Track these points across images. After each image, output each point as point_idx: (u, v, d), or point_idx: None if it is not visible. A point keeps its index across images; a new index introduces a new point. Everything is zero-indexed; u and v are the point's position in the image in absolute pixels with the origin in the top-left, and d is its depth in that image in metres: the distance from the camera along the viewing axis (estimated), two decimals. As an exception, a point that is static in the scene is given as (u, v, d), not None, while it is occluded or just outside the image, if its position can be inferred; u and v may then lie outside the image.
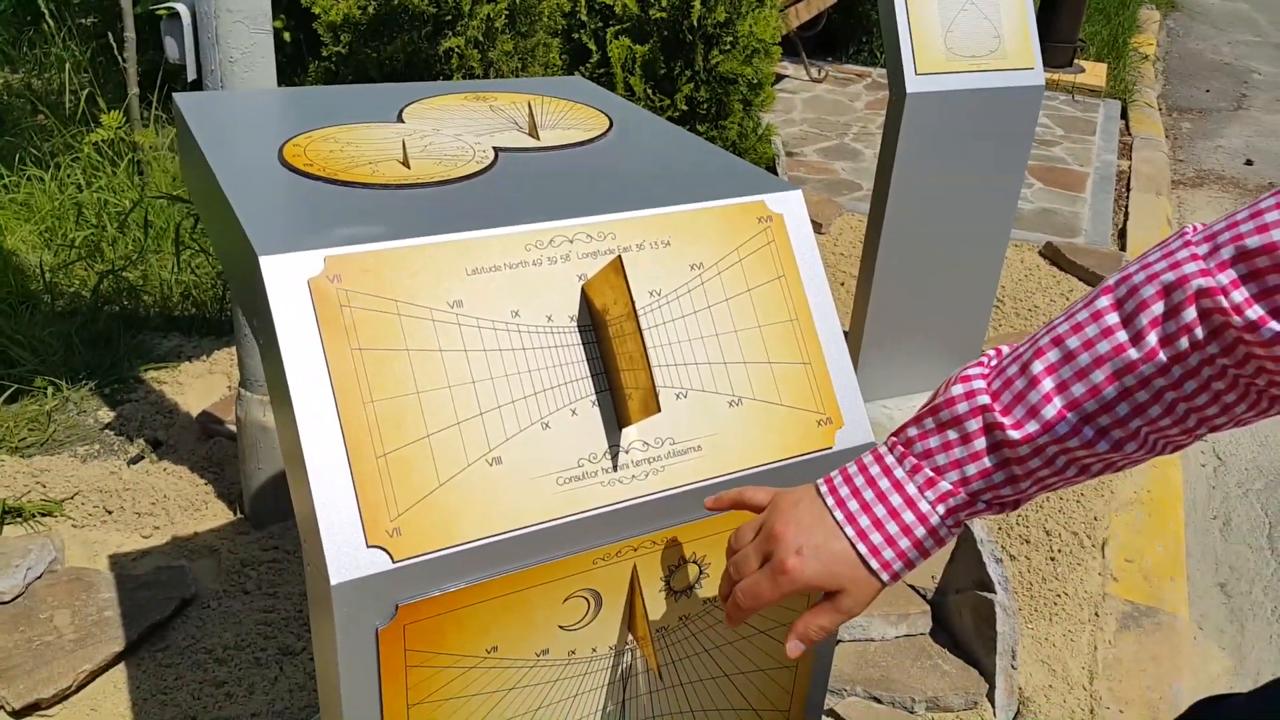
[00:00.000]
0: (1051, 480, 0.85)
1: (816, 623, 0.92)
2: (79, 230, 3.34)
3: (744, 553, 0.94)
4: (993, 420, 0.84)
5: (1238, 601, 2.49)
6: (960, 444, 0.86)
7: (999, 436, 0.84)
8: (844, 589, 0.89)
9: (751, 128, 3.56)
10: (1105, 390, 0.80)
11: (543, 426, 0.98)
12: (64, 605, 1.96)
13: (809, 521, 0.90)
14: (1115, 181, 5.05)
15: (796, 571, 0.89)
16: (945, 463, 0.87)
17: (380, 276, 0.95)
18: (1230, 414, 0.80)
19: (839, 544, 0.89)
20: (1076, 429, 0.82)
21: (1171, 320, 0.77)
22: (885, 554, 0.88)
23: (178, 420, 2.59)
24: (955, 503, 0.87)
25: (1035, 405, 0.83)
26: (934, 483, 0.87)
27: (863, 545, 0.88)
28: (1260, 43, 8.86)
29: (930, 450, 0.87)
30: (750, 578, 0.92)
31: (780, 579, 0.90)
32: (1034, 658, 2.07)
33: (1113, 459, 0.84)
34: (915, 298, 2.71)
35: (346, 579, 0.88)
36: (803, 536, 0.90)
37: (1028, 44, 2.58)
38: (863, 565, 0.88)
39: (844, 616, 0.91)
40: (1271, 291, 0.72)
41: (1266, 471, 3.02)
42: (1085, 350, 0.81)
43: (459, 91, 1.51)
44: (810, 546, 0.89)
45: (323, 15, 2.55)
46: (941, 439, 0.87)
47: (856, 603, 0.90)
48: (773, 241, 1.14)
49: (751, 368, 1.08)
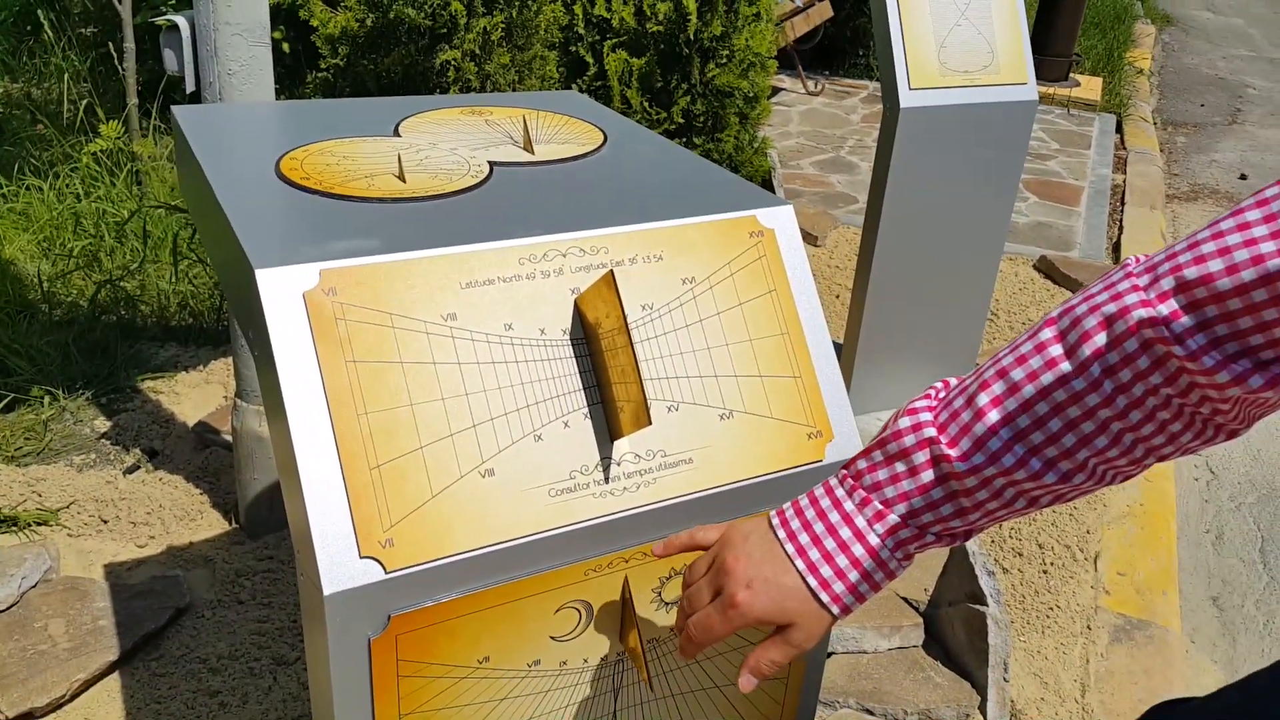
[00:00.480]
0: (1000, 512, 0.86)
1: (768, 657, 0.91)
2: (77, 240, 3.35)
3: (696, 587, 0.94)
4: (939, 453, 0.84)
5: (1230, 615, 2.49)
6: (908, 476, 0.86)
7: (946, 469, 0.84)
8: (794, 623, 0.89)
9: (748, 140, 3.58)
10: (1050, 422, 0.81)
11: (535, 438, 0.99)
12: (59, 614, 1.97)
13: (759, 555, 0.90)
14: (1110, 195, 5.08)
15: (746, 606, 0.89)
16: (893, 495, 0.87)
17: (375, 289, 0.96)
18: (1176, 443, 0.80)
19: (789, 578, 0.89)
20: (1023, 461, 0.82)
21: (1114, 351, 0.77)
22: (835, 587, 0.88)
23: (174, 430, 2.60)
24: (904, 536, 0.87)
25: (981, 437, 0.83)
26: (883, 515, 0.87)
27: (813, 579, 0.88)
28: (1255, 58, 8.90)
29: (879, 483, 0.87)
30: (702, 612, 0.92)
31: (731, 613, 0.90)
32: (1026, 670, 2.08)
33: (1060, 490, 0.84)
34: (909, 310, 2.72)
35: (339, 589, 0.88)
36: (753, 570, 0.89)
37: (1021, 60, 2.60)
38: (813, 598, 0.88)
39: (795, 650, 0.91)
40: (1211, 323, 0.73)
41: (1259, 485, 3.03)
42: (1030, 382, 0.81)
43: (455, 105, 1.52)
44: (760, 580, 0.89)
45: (321, 28, 2.56)
46: (890, 471, 0.87)
47: (807, 636, 0.90)
48: (764, 256, 1.15)
49: (743, 381, 1.09)
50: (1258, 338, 0.72)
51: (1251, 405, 0.77)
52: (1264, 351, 0.73)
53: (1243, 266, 0.71)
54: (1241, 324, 0.72)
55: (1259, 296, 0.71)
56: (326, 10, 2.56)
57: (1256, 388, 0.73)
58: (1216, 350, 0.73)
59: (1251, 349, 0.73)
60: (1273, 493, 2.99)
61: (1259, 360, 0.73)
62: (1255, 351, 0.73)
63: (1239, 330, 0.73)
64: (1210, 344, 0.73)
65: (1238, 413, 0.78)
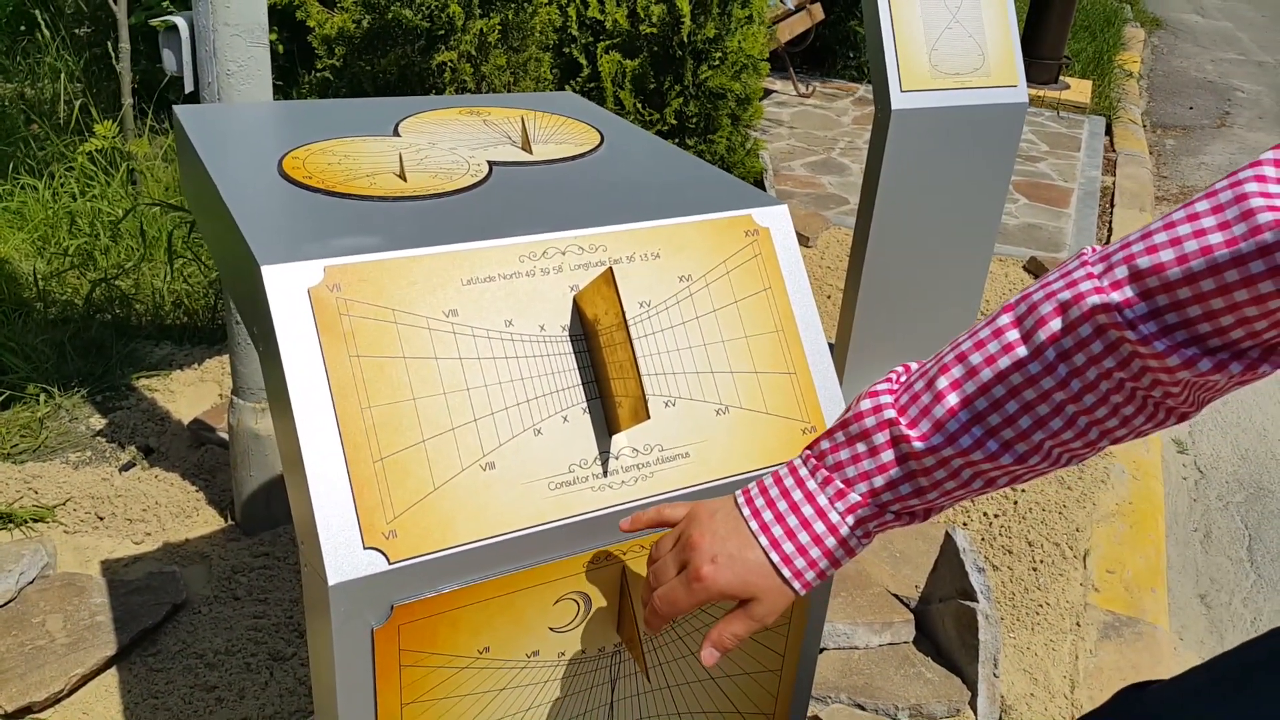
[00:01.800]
0: (957, 492, 0.89)
1: (730, 630, 0.94)
2: (72, 239, 3.36)
3: (662, 561, 0.96)
4: (899, 433, 0.87)
5: (1217, 613, 2.52)
6: (869, 456, 0.89)
7: (905, 449, 0.87)
8: (757, 597, 0.92)
9: (740, 142, 3.60)
10: (1006, 405, 0.84)
11: (535, 433, 1.00)
12: (56, 610, 1.98)
13: (724, 531, 0.93)
14: (1099, 197, 5.11)
15: (711, 579, 0.91)
16: (854, 475, 0.90)
17: (378, 286, 0.98)
18: (1129, 425, 0.83)
19: (753, 553, 0.91)
20: (980, 442, 0.85)
21: (1069, 336, 0.80)
22: (797, 563, 0.90)
23: (169, 427, 2.61)
24: (864, 514, 0.90)
25: (940, 419, 0.86)
26: (844, 494, 0.90)
27: (775, 554, 0.90)
28: (1243, 61, 8.96)
29: (841, 463, 0.90)
30: (667, 585, 0.94)
31: (695, 586, 0.92)
32: (1016, 666, 2.10)
33: (1016, 471, 0.87)
34: (900, 310, 2.74)
35: (343, 579, 0.90)
36: (718, 545, 0.92)
37: (1011, 62, 2.62)
38: (775, 574, 0.91)
39: (757, 624, 0.93)
40: (1161, 311, 0.76)
41: (1246, 485, 3.06)
42: (987, 366, 0.84)
43: (454, 106, 1.54)
44: (725, 555, 0.91)
45: (317, 29, 2.58)
46: (851, 451, 0.90)
47: (769, 610, 0.92)
48: (759, 254, 1.17)
49: (738, 377, 1.11)
50: (1205, 326, 0.75)
51: (1201, 389, 0.80)
52: (1211, 340, 0.76)
53: (1192, 257, 0.74)
54: (1190, 313, 0.75)
55: (1207, 286, 0.74)
56: (323, 11, 2.58)
57: (1205, 371, 0.76)
58: (1165, 338, 0.76)
59: (1199, 337, 0.76)
60: (1260, 492, 3.02)
61: (1206, 348, 0.76)
62: (1203, 340, 0.76)
63: (1188, 319, 0.75)
64: (1160, 331, 0.76)
65: (1187, 395, 0.80)
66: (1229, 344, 0.76)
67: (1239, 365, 0.76)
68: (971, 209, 2.70)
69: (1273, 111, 7.34)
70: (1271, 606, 2.55)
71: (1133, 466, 2.87)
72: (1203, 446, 3.24)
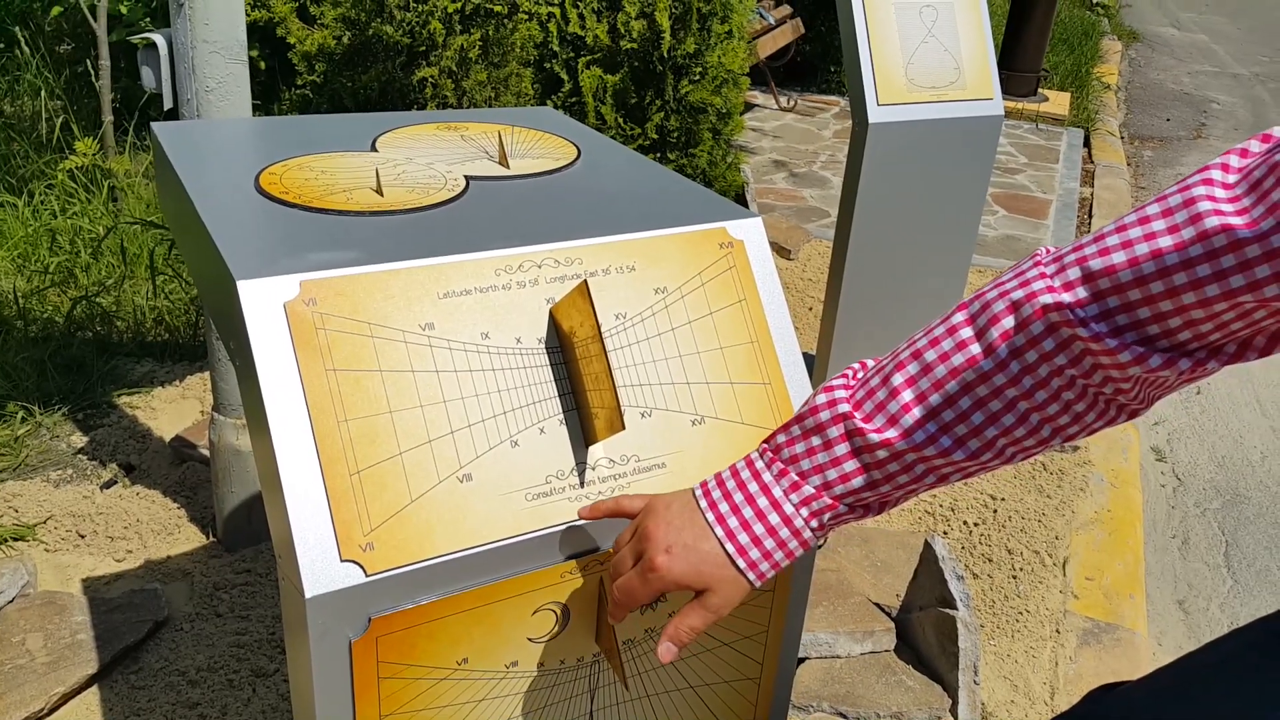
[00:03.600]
0: (910, 485, 0.91)
1: (686, 623, 0.95)
2: (53, 256, 3.35)
3: (620, 554, 0.98)
4: (853, 427, 0.89)
5: (1195, 618, 2.54)
6: (823, 449, 0.91)
7: (859, 443, 0.89)
8: (711, 588, 0.93)
9: (721, 156, 3.62)
10: (960, 401, 0.86)
11: (512, 444, 1.01)
12: (36, 629, 1.97)
13: (680, 522, 0.94)
14: (1078, 208, 5.15)
15: (665, 569, 0.93)
16: (809, 467, 0.92)
17: (354, 300, 0.99)
18: (1081, 422, 0.85)
19: (708, 544, 0.93)
20: (934, 438, 0.87)
21: (1021, 333, 0.82)
22: (751, 554, 0.92)
23: (150, 445, 2.61)
24: (818, 506, 0.92)
25: (895, 414, 0.88)
26: (798, 486, 0.92)
27: (730, 545, 0.92)
28: (1219, 73, 9.05)
29: (796, 456, 0.92)
30: (624, 576, 0.96)
31: (650, 576, 0.94)
32: (996, 673, 2.11)
33: (967, 467, 0.89)
34: (879, 322, 2.76)
35: (321, 592, 0.91)
36: (672, 535, 0.94)
37: (987, 75, 2.65)
38: (730, 564, 0.92)
39: (713, 616, 0.94)
40: (1112, 311, 0.78)
41: (1224, 491, 3.08)
42: (941, 363, 0.87)
43: (431, 121, 1.55)
44: (680, 545, 0.93)
45: (298, 45, 2.59)
46: (806, 445, 0.92)
47: (725, 601, 0.94)
48: (734, 267, 1.18)
49: (714, 388, 1.12)
50: (1154, 327, 0.77)
51: (1151, 385, 0.82)
52: (1160, 340, 0.78)
53: (1142, 259, 0.76)
54: (1140, 314, 0.77)
55: (1156, 288, 0.76)
56: (304, 28, 2.59)
57: (1155, 367, 0.78)
58: (1114, 336, 0.78)
59: (1149, 338, 0.78)
60: (1236, 498, 3.05)
61: (1156, 347, 0.78)
62: (1152, 341, 0.78)
63: (1137, 320, 0.78)
64: (1110, 331, 0.78)
65: (1138, 392, 0.82)
66: (1177, 344, 0.78)
67: (1188, 362, 0.78)
68: (949, 220, 2.72)
69: (1247, 123, 7.41)
70: (1248, 611, 2.57)
71: (1111, 474, 2.89)
72: (1180, 454, 3.27)
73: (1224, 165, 0.76)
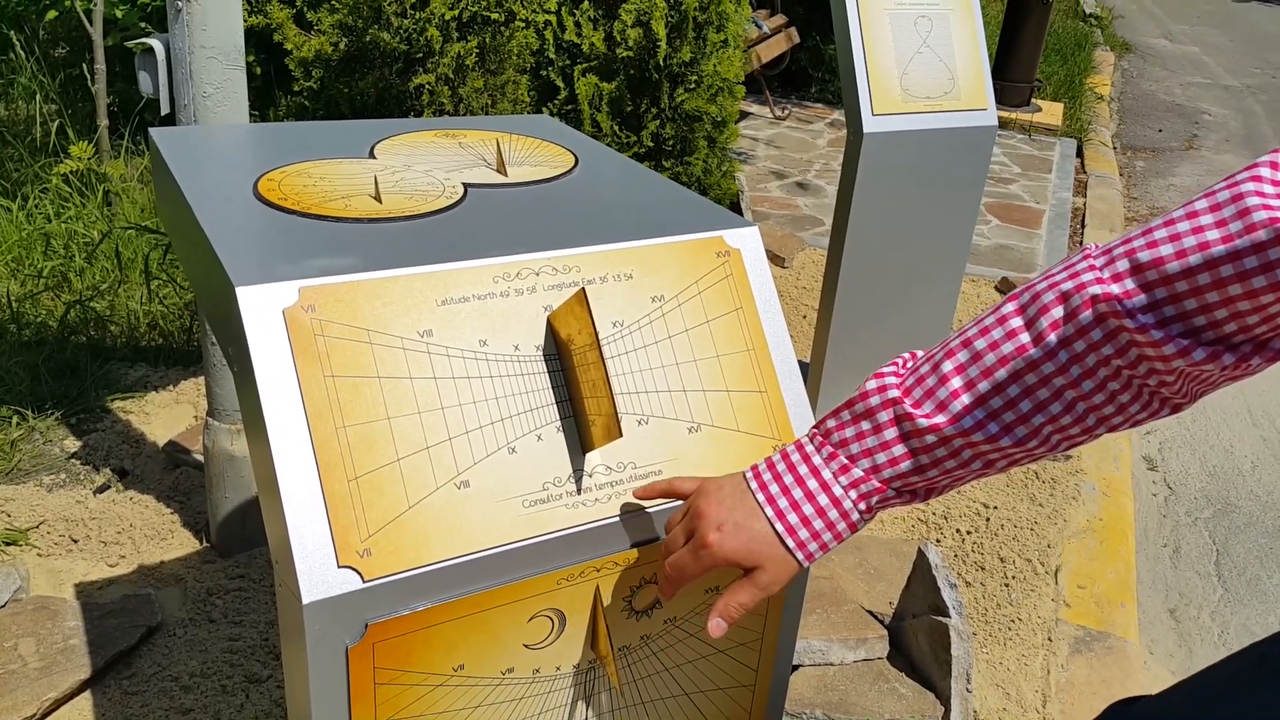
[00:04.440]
0: (958, 471, 0.93)
1: (736, 600, 0.98)
2: (47, 261, 3.35)
3: (673, 532, 1.01)
4: (902, 412, 0.92)
5: (1186, 627, 2.55)
6: (872, 434, 0.94)
7: (908, 427, 0.92)
8: (761, 565, 0.96)
9: (716, 164, 3.63)
10: (1008, 388, 0.88)
11: (509, 451, 1.02)
12: (29, 634, 1.97)
13: (731, 502, 0.97)
14: (1070, 218, 5.17)
15: (716, 546, 0.95)
16: (858, 451, 0.94)
17: (353, 307, 0.99)
18: (1125, 413, 0.87)
19: (758, 523, 0.96)
20: (982, 424, 0.89)
21: (1070, 323, 0.85)
22: (800, 533, 0.95)
23: (144, 450, 2.60)
24: (867, 488, 0.94)
25: (944, 400, 0.91)
26: (848, 469, 0.94)
27: (780, 524, 0.95)
28: (1210, 85, 9.09)
29: (846, 440, 0.95)
30: (676, 553, 0.99)
31: (701, 553, 0.96)
32: (989, 681, 2.12)
33: (1014, 454, 0.91)
34: (874, 330, 2.77)
35: (318, 598, 0.91)
36: (724, 514, 0.96)
37: (981, 86, 2.67)
38: (780, 543, 0.95)
39: (762, 593, 0.97)
40: (1160, 303, 0.80)
41: (1215, 501, 3.10)
42: (991, 351, 0.89)
43: (429, 129, 1.56)
44: (730, 524, 0.96)
45: (295, 51, 2.59)
46: (856, 429, 0.95)
47: (773, 580, 0.96)
48: (730, 275, 1.19)
49: (710, 396, 1.13)
50: (1200, 319, 0.79)
51: (1194, 380, 0.83)
52: (1205, 333, 0.79)
53: (1190, 252, 0.78)
54: (1186, 305, 0.79)
55: (1203, 280, 0.78)
56: (300, 34, 2.59)
57: (1198, 360, 0.79)
58: (1161, 328, 0.80)
59: (1195, 330, 0.79)
60: (1227, 507, 3.06)
61: (1201, 340, 0.79)
62: (1198, 332, 0.79)
63: (1184, 311, 0.79)
64: (1158, 323, 0.80)
65: (1181, 386, 0.84)
66: (1222, 337, 0.80)
67: (1231, 357, 0.80)
68: (943, 230, 2.74)
69: (1239, 135, 7.45)
70: (1239, 620, 2.58)
71: (1103, 483, 2.90)
72: (1172, 463, 3.28)
73: (1273, 163, 0.78)
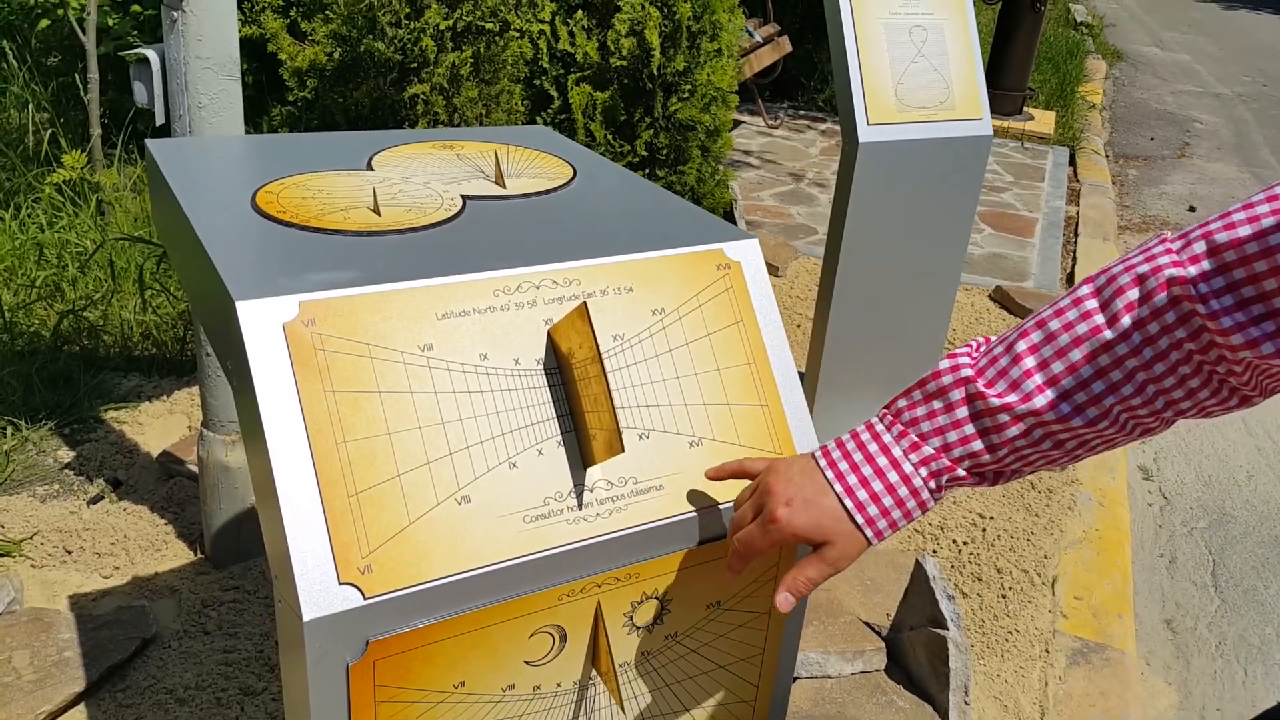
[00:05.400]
0: (1027, 452, 0.93)
1: (804, 574, 0.98)
2: (40, 270, 3.34)
3: (742, 509, 1.02)
4: (975, 391, 0.92)
5: (1183, 638, 2.55)
6: (944, 412, 0.94)
7: (980, 406, 0.92)
8: (830, 541, 0.96)
9: (710, 173, 3.63)
10: (1082, 368, 0.89)
11: (510, 466, 1.01)
12: (23, 646, 1.95)
13: (800, 479, 0.98)
14: (1063, 227, 5.18)
15: (785, 521, 0.96)
16: (929, 429, 0.95)
17: (353, 321, 0.99)
18: (1194, 399, 0.88)
19: (828, 499, 0.96)
20: (1054, 404, 0.90)
21: (1145, 305, 0.86)
22: (870, 510, 0.95)
23: (138, 460, 2.59)
24: (937, 466, 0.94)
25: (1017, 379, 0.91)
26: (918, 447, 0.95)
27: (849, 501, 0.95)
28: (1202, 93, 9.13)
29: (917, 419, 0.96)
30: (745, 529, 1.00)
31: (770, 527, 0.97)
32: (986, 693, 2.11)
33: (1085, 435, 0.91)
34: (869, 340, 2.77)
35: (319, 615, 0.90)
36: (793, 490, 0.97)
37: (976, 96, 2.67)
38: (849, 519, 0.96)
39: (830, 569, 0.97)
40: (1239, 284, 0.81)
41: (1210, 511, 3.10)
42: (1065, 331, 0.90)
43: (426, 140, 1.55)
44: (800, 499, 0.97)
45: (289, 61, 2.58)
46: (927, 408, 0.95)
47: (842, 556, 0.97)
48: (731, 288, 1.18)
49: (711, 409, 1.12)
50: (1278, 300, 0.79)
51: (1263, 374, 0.84)
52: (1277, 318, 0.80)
53: (1269, 232, 0.79)
54: (1267, 285, 0.80)
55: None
56: (294, 44, 2.59)
57: (1266, 354, 0.80)
58: (1240, 311, 0.80)
59: (1266, 315, 0.80)
60: (1223, 518, 3.06)
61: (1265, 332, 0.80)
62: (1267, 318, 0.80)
63: (1265, 291, 0.80)
64: (1236, 305, 0.81)
65: (1250, 379, 0.84)
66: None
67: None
68: (938, 239, 2.74)
69: (1230, 142, 7.48)
70: (1235, 630, 2.58)
71: (1099, 493, 2.90)
72: (1167, 473, 3.29)
73: None
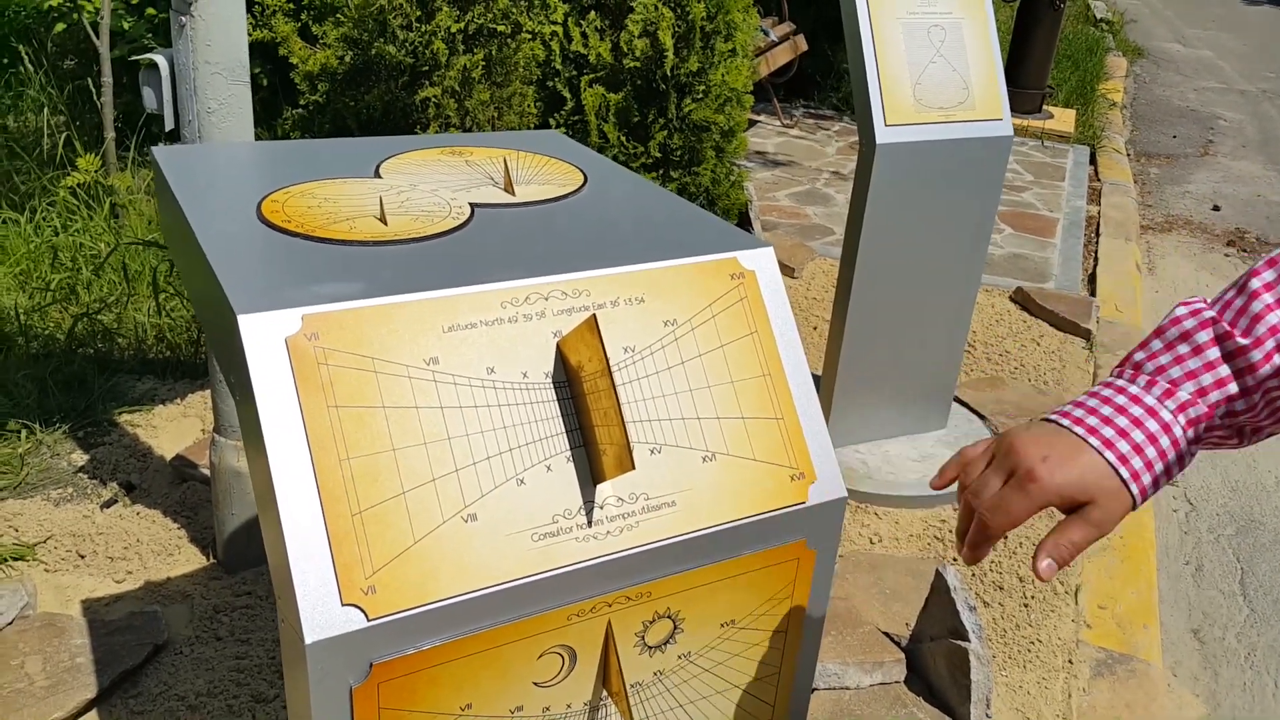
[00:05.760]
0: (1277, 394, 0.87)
1: (1068, 538, 0.88)
2: (55, 273, 3.34)
3: (982, 477, 0.92)
4: (1222, 330, 0.87)
5: (1211, 648, 2.50)
6: (1193, 355, 0.88)
7: (1230, 345, 0.87)
8: (1095, 499, 0.87)
9: (724, 174, 3.60)
10: None
11: (518, 483, 0.98)
12: (35, 652, 1.94)
13: (1048, 438, 0.89)
14: (1084, 227, 5.13)
15: (1046, 478, 0.87)
16: (1180, 375, 0.88)
17: (357, 334, 0.96)
18: None
19: (1086, 455, 0.87)
20: None
21: None
22: (1134, 462, 0.87)
23: (151, 464, 2.58)
24: (1195, 413, 0.88)
25: (1259, 313, 0.85)
26: (1172, 393, 0.88)
27: (1110, 454, 0.87)
28: (1225, 89, 9.03)
29: (1163, 366, 0.89)
30: (995, 495, 0.90)
31: (1030, 487, 0.87)
32: (1008, 706, 2.08)
33: None
34: (887, 342, 2.74)
35: (321, 638, 0.88)
36: (1044, 447, 0.88)
37: (996, 95, 2.63)
38: (1113, 474, 0.87)
39: (1096, 531, 0.88)
40: None
41: (1238, 517, 3.05)
42: None
43: (435, 146, 1.53)
44: (1056, 455, 0.88)
45: (300, 65, 2.57)
46: (1173, 355, 0.89)
47: (1107, 516, 0.88)
48: (745, 298, 1.15)
49: (725, 423, 1.10)
50: None
51: None
52: None
53: None
54: None
55: None
56: (306, 48, 2.57)
57: None
58: None
59: None
60: (1251, 524, 3.01)
61: None
62: None
63: None
64: None
65: None
66: None
67: None
68: (958, 241, 2.70)
69: (1255, 140, 7.39)
70: (1265, 641, 2.53)
71: (1122, 498, 2.86)
72: (1193, 479, 3.24)
73: None
